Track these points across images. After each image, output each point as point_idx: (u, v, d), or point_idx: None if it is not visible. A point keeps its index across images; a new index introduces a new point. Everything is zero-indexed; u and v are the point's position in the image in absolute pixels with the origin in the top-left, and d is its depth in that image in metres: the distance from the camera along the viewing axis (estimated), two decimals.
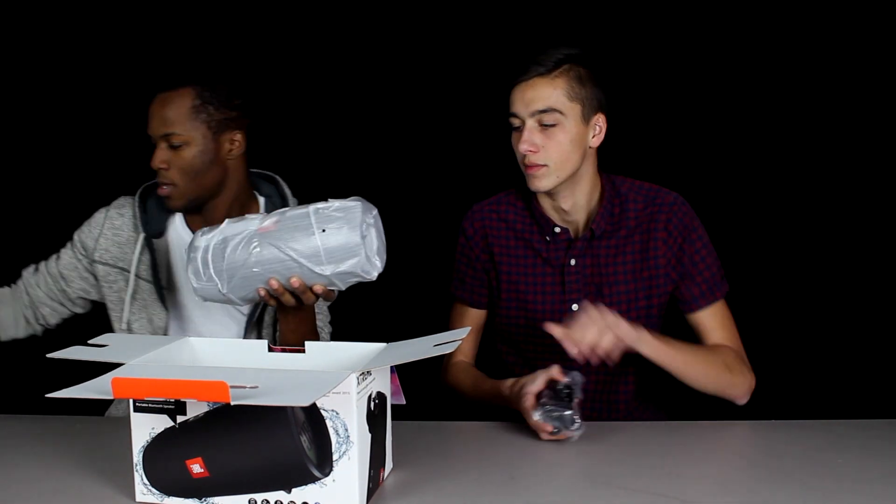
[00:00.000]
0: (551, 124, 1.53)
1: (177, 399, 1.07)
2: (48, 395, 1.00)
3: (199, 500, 1.10)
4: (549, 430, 1.33)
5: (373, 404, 1.12)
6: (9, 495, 1.16)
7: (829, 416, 1.45)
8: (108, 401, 1.77)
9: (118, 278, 1.69)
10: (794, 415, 1.45)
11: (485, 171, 2.17)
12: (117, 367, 1.10)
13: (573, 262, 1.63)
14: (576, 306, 1.61)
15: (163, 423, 1.09)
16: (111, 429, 1.48)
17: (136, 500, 1.12)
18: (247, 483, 1.08)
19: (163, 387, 0.97)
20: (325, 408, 1.05)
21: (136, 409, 1.10)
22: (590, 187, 1.62)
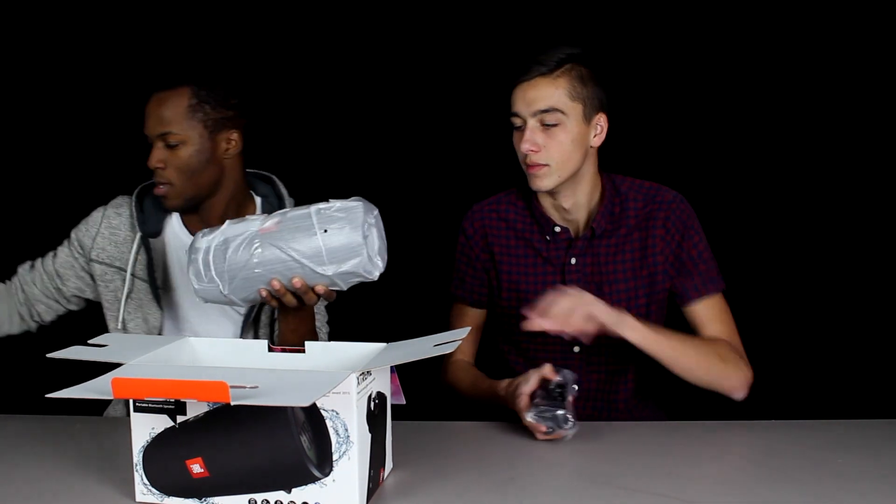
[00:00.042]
0: (553, 124, 1.53)
1: (177, 399, 1.07)
2: (48, 395, 1.00)
3: (199, 500, 1.10)
4: (542, 430, 1.33)
5: (373, 404, 1.12)
6: (9, 495, 1.16)
7: (829, 416, 1.45)
8: (106, 401, 1.77)
9: (114, 277, 1.69)
10: (794, 415, 1.45)
11: (485, 171, 2.17)
12: (117, 367, 1.10)
13: (573, 260, 1.63)
14: None
15: (163, 423, 1.09)
16: (111, 429, 1.48)
17: (136, 500, 1.12)
18: (247, 483, 1.08)
19: (163, 387, 0.97)
20: (325, 408, 1.05)
21: (136, 409, 1.10)
22: (590, 187, 1.62)
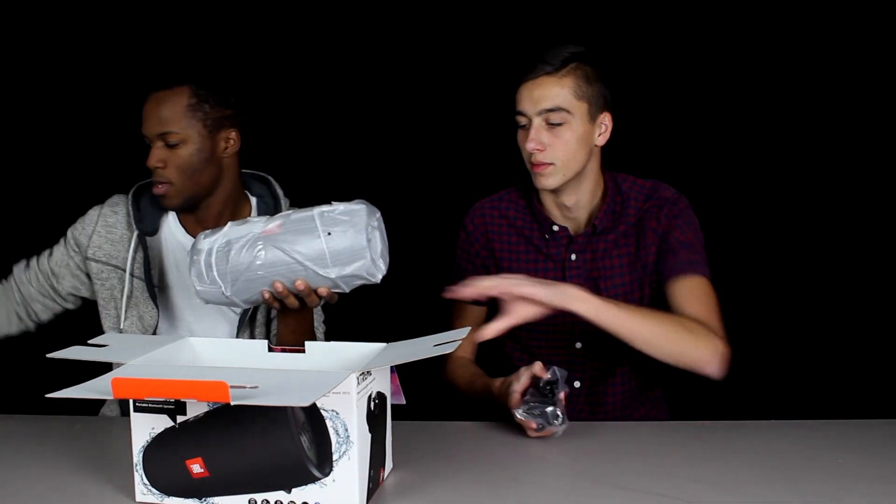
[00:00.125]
0: (558, 123, 1.53)
1: (177, 399, 1.07)
2: (48, 395, 1.00)
3: (199, 500, 1.10)
4: (533, 426, 1.33)
5: (373, 404, 1.12)
6: (9, 495, 1.16)
7: (829, 416, 1.45)
8: (101, 400, 1.77)
9: (111, 276, 1.69)
10: (794, 415, 1.45)
11: (484, 171, 2.17)
12: (117, 366, 1.10)
13: (574, 256, 1.64)
14: None
15: (163, 423, 1.09)
16: (111, 429, 1.48)
17: (136, 500, 1.12)
18: (247, 483, 1.08)
19: (163, 387, 0.97)
20: (325, 408, 1.05)
21: (136, 409, 1.10)
22: (593, 185, 1.63)
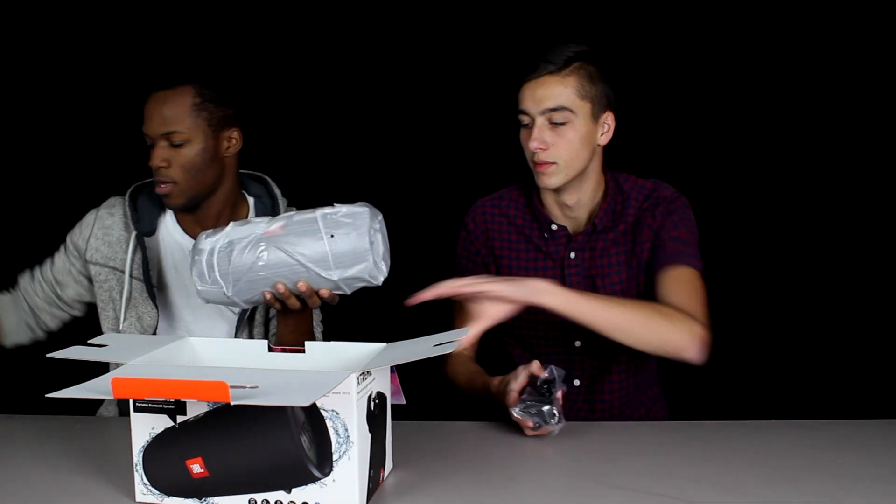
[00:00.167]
0: (561, 122, 1.53)
1: (177, 399, 1.07)
2: (48, 395, 1.00)
3: (199, 500, 1.10)
4: (530, 425, 1.33)
5: (373, 404, 1.12)
6: (9, 495, 1.16)
7: (829, 416, 1.45)
8: (99, 400, 1.78)
9: (109, 277, 1.69)
10: (794, 415, 1.45)
11: (485, 172, 2.17)
12: (116, 366, 1.10)
13: (573, 255, 1.64)
14: None
15: (163, 423, 1.09)
16: (111, 429, 1.48)
17: (136, 500, 1.12)
18: (247, 483, 1.08)
19: (163, 387, 0.97)
20: (325, 408, 1.05)
21: (136, 409, 1.10)
22: (595, 184, 1.63)
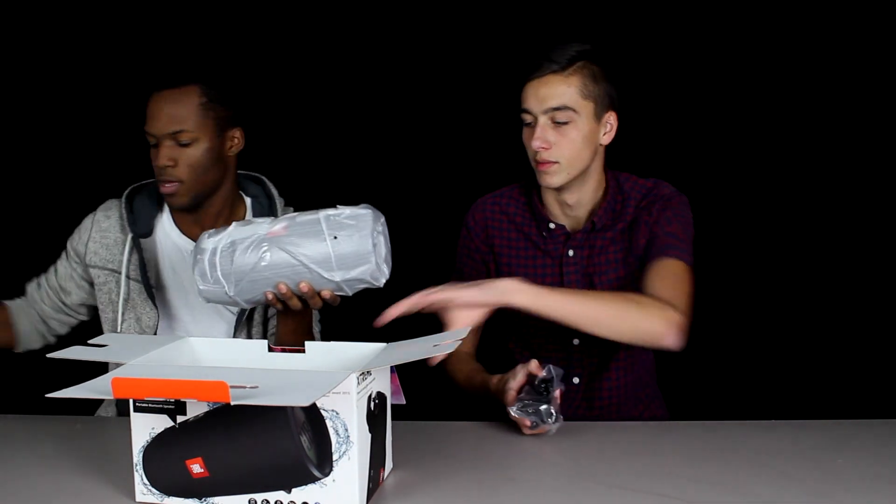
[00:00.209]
0: (564, 122, 1.53)
1: (177, 399, 1.07)
2: (48, 395, 1.00)
3: (199, 500, 1.10)
4: (527, 424, 1.33)
5: (373, 404, 1.12)
6: (9, 495, 1.16)
7: (829, 416, 1.45)
8: (98, 400, 1.78)
9: (108, 280, 1.70)
10: (794, 415, 1.45)
11: (485, 173, 2.17)
12: (116, 366, 1.10)
13: (571, 252, 1.65)
14: None
15: (163, 423, 1.09)
16: (111, 429, 1.48)
17: (136, 500, 1.12)
18: (247, 483, 1.08)
19: (163, 387, 0.97)
20: (325, 408, 1.05)
21: (136, 409, 1.10)
22: (596, 184, 1.64)
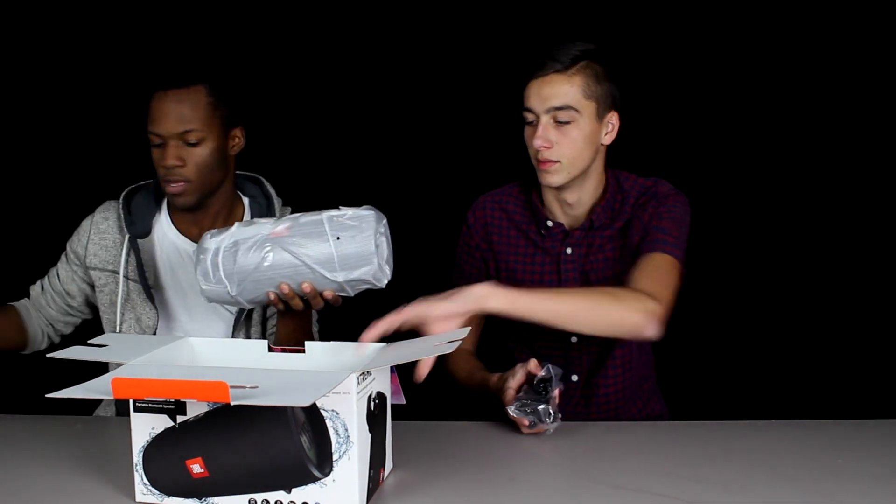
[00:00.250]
0: (566, 121, 1.53)
1: (177, 399, 1.07)
2: (48, 395, 1.00)
3: (199, 500, 1.10)
4: (525, 423, 1.33)
5: (373, 404, 1.12)
6: (9, 495, 1.16)
7: (829, 416, 1.45)
8: (96, 401, 1.78)
9: (108, 281, 1.70)
10: (794, 415, 1.45)
11: (484, 174, 2.16)
12: (117, 367, 1.10)
13: (569, 250, 1.65)
14: None
15: (163, 423, 1.09)
16: (111, 429, 1.48)
17: (136, 500, 1.12)
18: (247, 483, 1.08)
19: (163, 387, 0.97)
20: (325, 408, 1.05)
21: (136, 409, 1.10)
22: (597, 183, 1.64)
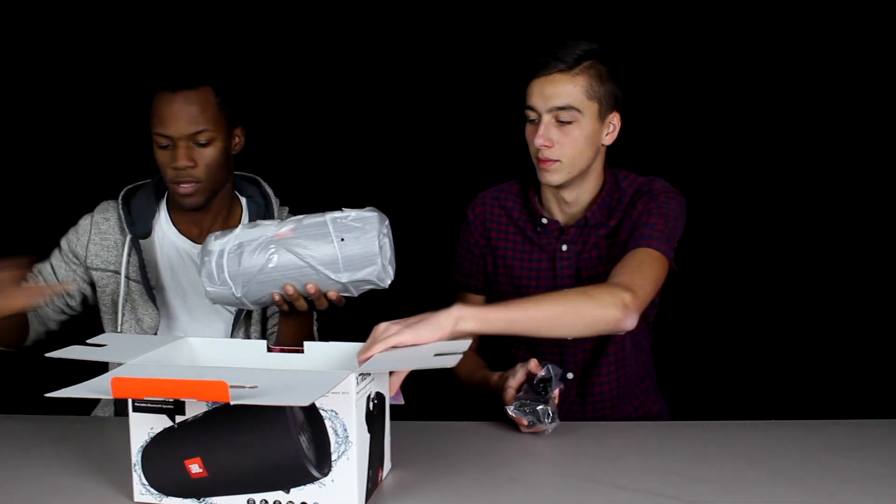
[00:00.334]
0: (568, 121, 1.53)
1: (176, 399, 1.07)
2: (48, 395, 1.00)
3: (198, 500, 1.10)
4: (524, 423, 1.34)
5: (372, 404, 1.12)
6: (9, 495, 1.16)
7: (829, 416, 1.45)
8: (94, 401, 1.78)
9: (109, 281, 1.71)
10: (794, 415, 1.45)
11: (484, 175, 2.16)
12: (116, 366, 1.10)
13: (565, 247, 1.65)
14: None
15: (162, 422, 1.09)
16: (111, 429, 1.48)
17: (135, 500, 1.12)
18: (245, 483, 1.08)
19: (162, 387, 0.97)
20: (324, 408, 1.05)
21: (136, 408, 1.10)
22: (596, 182, 1.64)
